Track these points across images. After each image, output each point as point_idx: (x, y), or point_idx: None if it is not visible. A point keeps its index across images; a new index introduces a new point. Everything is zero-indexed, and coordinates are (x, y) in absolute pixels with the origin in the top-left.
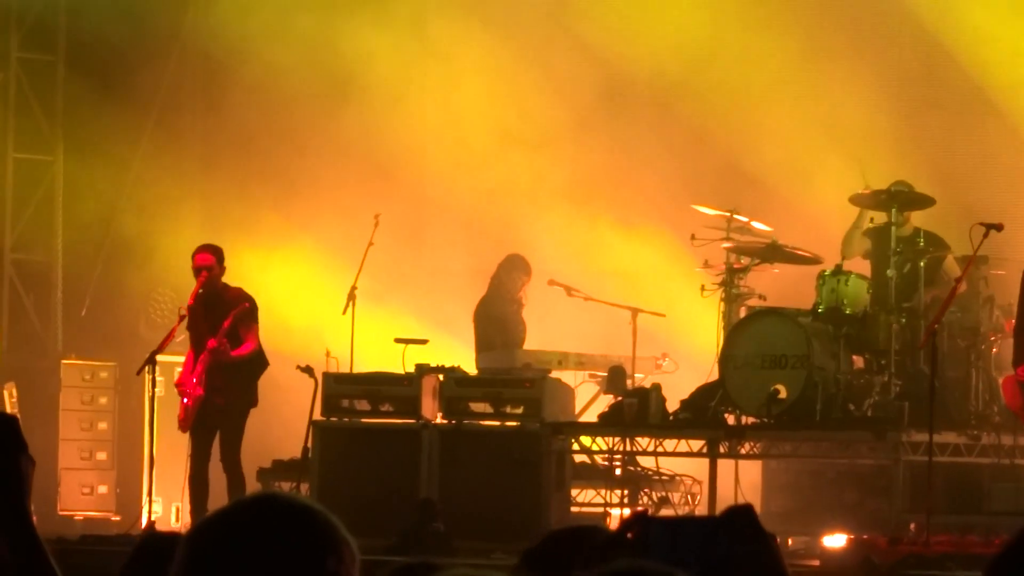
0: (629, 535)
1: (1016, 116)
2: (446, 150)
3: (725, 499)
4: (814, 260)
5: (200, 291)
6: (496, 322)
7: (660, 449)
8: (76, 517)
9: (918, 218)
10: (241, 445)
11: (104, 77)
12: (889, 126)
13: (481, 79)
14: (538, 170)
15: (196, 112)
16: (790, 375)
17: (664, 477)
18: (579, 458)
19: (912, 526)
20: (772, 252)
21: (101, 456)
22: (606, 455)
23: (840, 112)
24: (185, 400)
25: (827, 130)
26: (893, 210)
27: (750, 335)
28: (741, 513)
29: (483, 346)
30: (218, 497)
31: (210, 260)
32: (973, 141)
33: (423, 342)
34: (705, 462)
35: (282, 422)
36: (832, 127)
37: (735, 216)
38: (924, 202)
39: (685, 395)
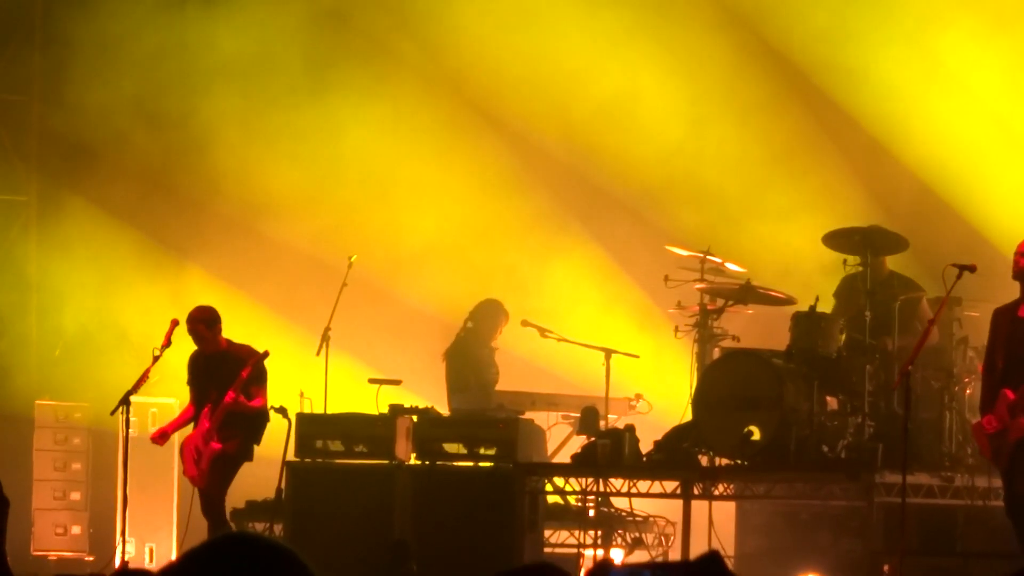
0: None
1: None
2: (420, 191)
3: (699, 540)
4: (788, 301)
5: (172, 339)
6: (471, 363)
7: (634, 490)
8: (50, 557)
9: (893, 261)
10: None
11: (79, 118)
12: (862, 168)
13: (455, 125)
14: (511, 210)
15: (171, 154)
16: (763, 416)
17: (638, 518)
18: (552, 499)
19: (886, 568)
20: (746, 293)
21: (75, 496)
22: (579, 496)
23: (813, 154)
24: (197, 455)
25: (802, 171)
26: (866, 253)
27: (724, 376)
28: (712, 561)
29: (456, 387)
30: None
31: (197, 316)
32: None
33: (397, 383)
34: (679, 503)
35: (256, 463)
36: (807, 168)
37: (709, 257)
38: (898, 244)
39: (659, 436)
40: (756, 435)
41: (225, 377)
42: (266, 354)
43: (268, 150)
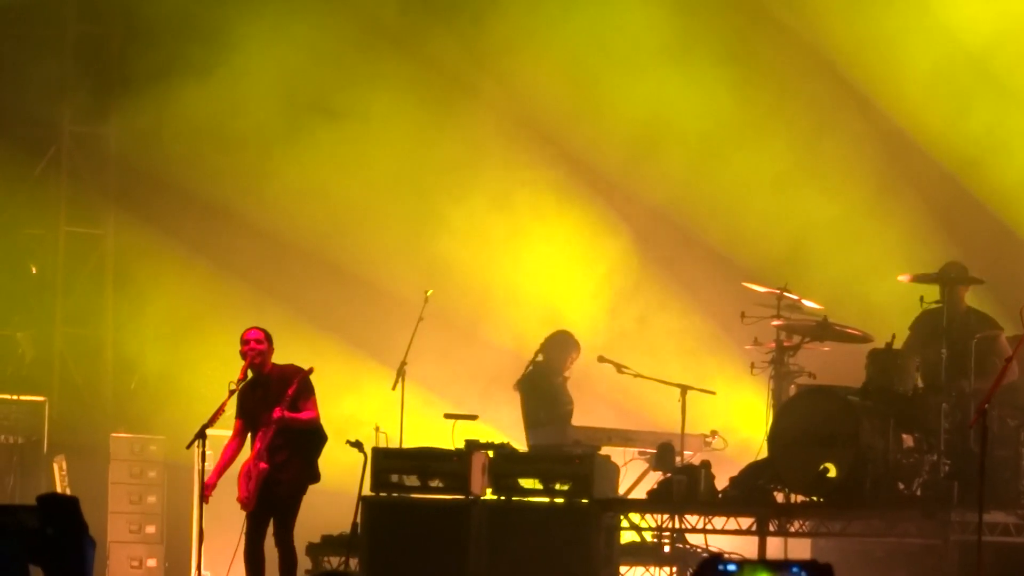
0: None
1: None
2: (497, 226)
3: None
4: (864, 338)
5: (249, 372)
6: (543, 397)
7: (709, 526)
8: None
9: (970, 298)
10: (295, 522)
11: (156, 151)
12: (939, 206)
13: (537, 163)
14: (590, 249)
15: (247, 190)
16: (839, 453)
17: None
18: (628, 535)
19: None
20: (822, 330)
21: (150, 529)
22: (655, 532)
23: (889, 192)
24: (248, 479)
25: (876, 209)
26: (944, 289)
27: (799, 413)
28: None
29: (532, 422)
30: (272, 574)
31: (259, 336)
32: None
33: (473, 418)
34: (754, 540)
35: (332, 497)
36: (886, 207)
37: (785, 294)
38: (974, 282)
39: (734, 473)
40: (832, 472)
41: (273, 398)
42: (310, 370)
43: (344, 182)
